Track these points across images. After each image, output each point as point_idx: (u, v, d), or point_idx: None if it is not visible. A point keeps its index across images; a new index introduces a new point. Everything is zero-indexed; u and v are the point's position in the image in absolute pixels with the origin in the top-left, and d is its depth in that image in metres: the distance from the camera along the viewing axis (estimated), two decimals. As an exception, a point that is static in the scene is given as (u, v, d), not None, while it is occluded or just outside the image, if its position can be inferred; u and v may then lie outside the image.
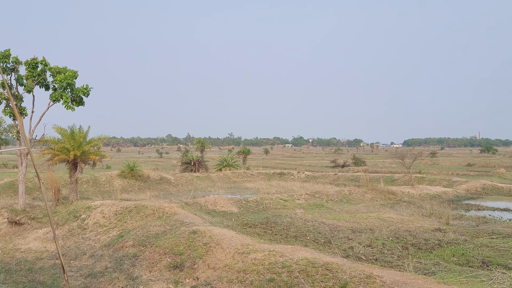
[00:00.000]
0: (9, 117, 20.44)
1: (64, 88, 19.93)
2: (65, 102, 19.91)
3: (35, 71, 19.95)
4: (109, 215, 17.85)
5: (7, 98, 19.97)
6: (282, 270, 9.46)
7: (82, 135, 21.72)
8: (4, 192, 30.40)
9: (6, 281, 12.62)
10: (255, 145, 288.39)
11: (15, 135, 20.58)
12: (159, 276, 11.71)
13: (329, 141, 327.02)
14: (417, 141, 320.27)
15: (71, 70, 20.11)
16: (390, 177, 41.74)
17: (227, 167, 53.82)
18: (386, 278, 8.31)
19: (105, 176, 38.27)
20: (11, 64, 19.74)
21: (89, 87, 20.46)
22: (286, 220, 18.06)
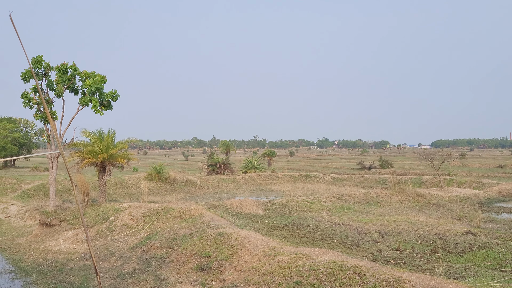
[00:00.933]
0: (40, 121, 20.97)
1: (93, 93, 20.34)
2: (94, 106, 20.31)
3: (65, 76, 20.43)
4: (137, 217, 18.09)
5: (38, 103, 20.50)
6: (309, 273, 9.39)
7: (110, 139, 22.11)
8: (35, 194, 31.17)
9: (38, 282, 12.92)
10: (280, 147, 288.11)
11: (46, 139, 21.09)
12: (186, 278, 11.79)
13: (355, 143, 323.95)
14: (446, 143, 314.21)
15: (100, 74, 20.52)
16: (418, 179, 41.05)
17: (252, 169, 53.90)
18: (415, 282, 8.16)
19: (133, 179, 38.85)
20: (43, 69, 20.26)
21: (117, 92, 20.83)
22: (312, 223, 17.95)
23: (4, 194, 30.16)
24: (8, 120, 76.57)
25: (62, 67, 20.27)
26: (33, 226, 21.57)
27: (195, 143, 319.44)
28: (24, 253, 16.57)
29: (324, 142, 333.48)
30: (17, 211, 25.35)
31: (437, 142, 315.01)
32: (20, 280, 13.17)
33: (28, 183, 33.88)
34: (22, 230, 21.49)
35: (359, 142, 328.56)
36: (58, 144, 2.59)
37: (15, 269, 14.40)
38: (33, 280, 13.11)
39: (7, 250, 17.19)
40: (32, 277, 13.41)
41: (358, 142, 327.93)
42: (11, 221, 23.95)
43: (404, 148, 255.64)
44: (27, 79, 20.05)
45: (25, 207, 25.61)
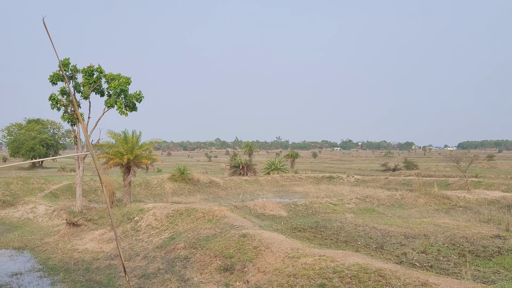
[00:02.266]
0: (67, 123, 21.37)
1: (118, 94, 20.63)
2: (119, 108, 20.60)
3: (91, 78, 20.78)
4: (161, 217, 18.26)
5: (65, 105, 20.91)
6: (333, 276, 9.31)
7: (134, 140, 22.38)
8: (62, 194, 31.80)
9: (65, 280, 13.17)
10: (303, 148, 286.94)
11: (73, 140, 21.49)
12: (210, 279, 11.83)
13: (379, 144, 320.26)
14: (473, 144, 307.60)
15: (125, 76, 20.80)
16: (444, 181, 40.30)
17: (275, 170, 53.80)
18: (442, 286, 8.00)
19: (157, 180, 39.25)
20: (70, 72, 20.66)
21: (141, 93, 21.08)
22: (336, 225, 17.81)
23: (32, 194, 30.86)
24: (36, 121, 78.36)
25: (88, 69, 20.63)
26: (60, 226, 22.01)
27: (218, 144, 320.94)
28: (52, 252, 16.92)
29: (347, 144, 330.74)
30: (45, 210, 25.92)
31: (464, 143, 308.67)
32: (48, 279, 13.46)
33: (56, 184, 34.59)
34: (49, 229, 21.95)
35: (383, 143, 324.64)
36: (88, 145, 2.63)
37: (43, 268, 14.73)
38: (60, 278, 13.38)
39: (36, 249, 17.58)
40: (60, 275, 13.68)
41: (382, 143, 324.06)
42: (39, 221, 24.49)
43: (429, 149, 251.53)
44: (54, 82, 20.48)
45: (53, 207, 26.15)
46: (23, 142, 73.12)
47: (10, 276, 13.81)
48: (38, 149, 72.95)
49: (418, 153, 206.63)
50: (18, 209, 27.11)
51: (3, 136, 78.92)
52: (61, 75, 20.42)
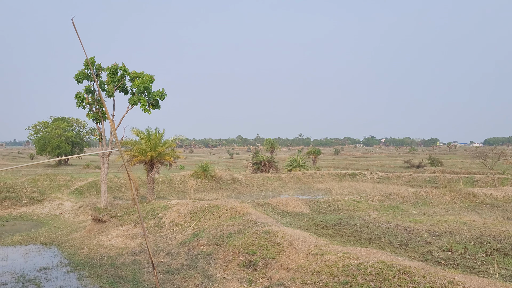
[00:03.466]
0: (92, 121, 21.72)
1: (142, 92, 20.85)
2: (143, 106, 20.82)
3: (115, 76, 21.05)
4: (184, 214, 18.41)
5: (90, 103, 21.25)
6: (357, 273, 9.24)
7: (157, 137, 22.58)
8: (88, 191, 32.36)
9: (91, 275, 13.42)
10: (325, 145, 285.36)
11: (98, 138, 21.83)
12: (233, 275, 11.88)
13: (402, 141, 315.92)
14: (499, 140, 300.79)
15: (148, 74, 21.00)
16: (470, 178, 39.51)
17: (297, 167, 53.63)
18: (469, 284, 7.86)
19: (179, 177, 39.58)
20: (95, 70, 20.97)
21: (164, 91, 21.25)
22: (360, 222, 17.65)
23: (59, 191, 31.50)
24: (62, 120, 79.90)
25: (113, 68, 20.91)
26: (86, 222, 22.42)
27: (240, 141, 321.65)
28: (78, 247, 17.25)
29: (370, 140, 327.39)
30: (71, 207, 26.43)
31: (490, 139, 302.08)
32: (75, 273, 13.73)
33: (81, 180, 35.22)
34: (75, 225, 22.38)
35: (407, 140, 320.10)
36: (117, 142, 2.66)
37: (70, 263, 15.03)
38: (86, 273, 13.63)
39: (63, 244, 17.96)
40: (86, 270, 13.94)
41: (406, 140, 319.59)
42: (65, 217, 25.00)
43: (454, 146, 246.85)
44: (80, 80, 20.83)
45: (78, 203, 26.66)
46: (49, 140, 74.65)
47: (38, 270, 14.14)
48: (64, 146, 74.39)
49: (443, 149, 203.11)
50: (45, 206, 27.70)
51: (30, 134, 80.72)
52: (86, 73, 20.75)
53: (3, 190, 28.49)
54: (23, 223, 24.09)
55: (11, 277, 13.41)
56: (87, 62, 20.67)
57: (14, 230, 21.82)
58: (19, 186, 29.72)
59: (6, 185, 29.21)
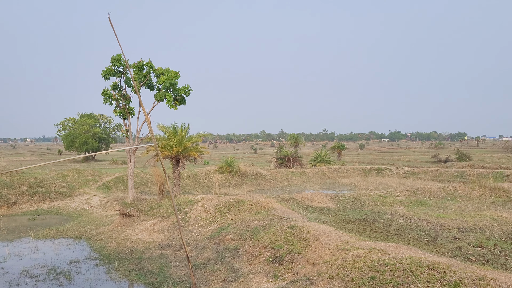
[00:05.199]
0: (119, 117, 22.01)
1: (167, 88, 21.01)
2: (168, 102, 20.98)
3: (141, 73, 21.27)
4: (210, 209, 18.54)
5: (117, 99, 21.54)
6: (385, 269, 9.14)
7: (183, 133, 22.78)
8: (114, 186, 32.92)
9: (119, 268, 13.66)
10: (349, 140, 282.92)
11: (125, 133, 22.12)
12: (259, 270, 11.92)
13: (429, 135, 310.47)
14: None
15: (173, 71, 21.14)
16: (500, 173, 38.56)
17: (322, 162, 53.34)
18: (501, 281, 7.69)
19: (204, 172, 39.86)
20: (121, 67, 21.22)
21: (189, 87, 21.38)
22: (386, 217, 17.45)
23: (87, 186, 32.13)
24: (89, 116, 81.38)
25: (139, 64, 21.13)
26: (113, 216, 22.81)
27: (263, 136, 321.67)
28: (106, 241, 17.57)
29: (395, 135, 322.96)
30: (99, 201, 26.93)
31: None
32: (104, 267, 14.00)
33: (108, 176, 35.83)
34: (103, 219, 22.80)
35: (434, 134, 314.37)
36: (153, 138, 2.69)
37: (98, 256, 15.33)
38: (115, 267, 13.88)
39: (91, 238, 18.32)
40: (114, 264, 14.19)
41: (432, 134, 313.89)
42: (94, 211, 25.49)
43: (483, 140, 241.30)
44: (107, 77, 21.12)
45: (106, 198, 27.14)
46: (76, 136, 76.15)
47: (68, 263, 14.47)
48: (91, 142, 75.76)
49: (471, 144, 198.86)
50: (74, 200, 28.31)
51: (59, 130, 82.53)
52: (113, 70, 21.02)
53: (33, 185, 29.23)
54: (53, 217, 24.68)
55: (43, 270, 13.77)
56: (114, 58, 20.98)
57: (45, 224, 22.37)
58: (49, 181, 30.43)
59: (37, 180, 29.96)
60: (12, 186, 28.18)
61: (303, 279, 10.12)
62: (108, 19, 2.88)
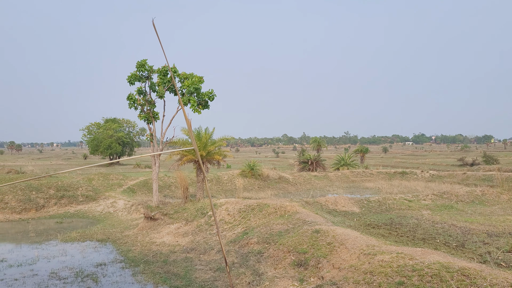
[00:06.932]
0: (143, 121, 22.29)
1: (191, 93, 21.20)
2: (192, 106, 21.16)
3: (166, 78, 21.52)
4: (233, 212, 18.58)
5: (142, 104, 21.83)
6: (412, 274, 9.00)
7: (207, 136, 22.90)
8: (139, 189, 33.28)
9: (145, 271, 13.80)
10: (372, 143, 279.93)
11: (149, 138, 22.39)
12: (284, 274, 11.87)
13: (454, 138, 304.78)
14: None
15: (197, 76, 21.33)
16: (529, 176, 37.56)
17: (345, 166, 52.87)
18: (535, 288, 7.47)
19: (227, 175, 39.96)
20: (146, 72, 21.51)
21: (213, 92, 21.52)
22: (412, 222, 17.19)
23: (112, 190, 32.58)
24: (113, 120, 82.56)
25: (163, 69, 21.39)
26: (138, 220, 23.05)
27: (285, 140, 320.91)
28: (132, 244, 17.77)
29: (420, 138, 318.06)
30: (124, 205, 27.27)
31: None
32: (129, 270, 14.16)
33: (133, 179, 36.25)
34: (128, 223, 23.06)
35: (459, 137, 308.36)
36: (192, 140, 2.71)
37: (124, 259, 15.51)
38: (140, 269, 14.02)
39: (117, 241, 18.56)
40: (140, 267, 14.34)
41: (458, 137, 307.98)
42: (119, 215, 25.82)
43: (510, 142, 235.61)
44: (132, 82, 21.43)
45: (131, 201, 27.46)
46: (101, 140, 77.29)
47: (95, 266, 14.68)
48: (115, 147, 76.78)
49: (498, 146, 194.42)
50: (99, 204, 28.73)
51: (84, 135, 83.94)
52: (138, 75, 21.32)
53: (61, 188, 29.80)
54: (80, 220, 25.10)
55: (70, 272, 14.00)
56: (139, 64, 21.27)
57: (72, 227, 22.77)
58: (76, 185, 30.98)
59: (64, 184, 30.53)
60: (40, 190, 28.79)
61: (329, 284, 10.04)
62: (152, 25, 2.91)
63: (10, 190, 27.70)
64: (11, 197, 27.19)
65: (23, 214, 26.16)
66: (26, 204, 26.99)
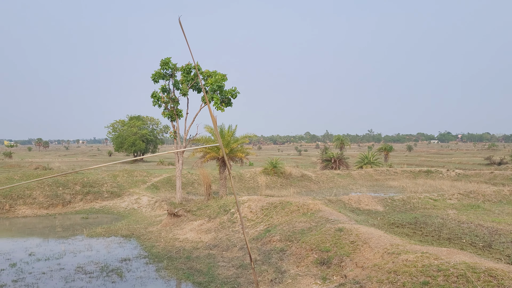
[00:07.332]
0: (167, 119, 22.48)
1: (214, 91, 21.28)
2: (216, 104, 21.25)
3: (189, 76, 21.65)
4: (256, 210, 18.60)
5: (166, 101, 22.03)
6: (438, 274, 8.86)
7: (230, 134, 22.97)
8: (162, 186, 33.63)
9: (168, 267, 13.95)
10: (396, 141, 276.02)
11: (173, 135, 22.57)
12: (307, 272, 11.84)
13: (481, 136, 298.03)
14: None
15: (220, 73, 21.39)
16: (559, 176, 36.53)
17: (368, 164, 52.34)
18: None
19: (249, 173, 40.03)
20: (170, 70, 21.69)
21: (236, 89, 21.56)
22: (437, 221, 16.92)
23: (136, 186, 33.02)
24: (137, 118, 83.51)
25: (187, 67, 21.52)
26: (161, 216, 23.29)
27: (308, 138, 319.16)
28: (155, 240, 17.98)
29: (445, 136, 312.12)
30: (148, 201, 27.60)
31: None
32: (153, 265, 14.33)
33: (156, 176, 36.67)
34: (152, 219, 23.32)
35: (486, 135, 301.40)
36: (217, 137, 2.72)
37: (148, 255, 15.71)
38: (164, 265, 14.18)
39: (141, 237, 18.80)
40: (163, 262, 14.50)
41: (485, 135, 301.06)
42: (143, 211, 26.14)
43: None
44: (156, 80, 21.65)
45: (154, 198, 27.77)
46: (125, 137, 78.30)
47: (120, 261, 14.91)
48: (139, 144, 77.69)
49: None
50: (124, 200, 29.15)
51: (109, 132, 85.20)
52: (162, 73, 21.51)
53: (86, 185, 30.34)
54: (105, 216, 25.52)
55: (96, 267, 14.26)
56: (163, 62, 21.46)
57: (97, 222, 23.16)
58: (101, 181, 31.50)
59: (89, 180, 31.08)
60: (67, 186, 29.37)
61: (352, 282, 9.97)
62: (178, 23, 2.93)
63: (38, 186, 28.34)
64: (39, 192, 27.82)
65: (50, 209, 26.74)
66: (53, 200, 27.58)
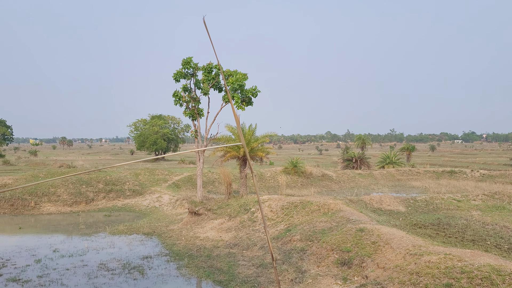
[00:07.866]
0: (188, 118, 22.63)
1: (235, 90, 21.34)
2: (236, 103, 21.31)
3: (210, 75, 21.76)
4: (276, 209, 18.58)
5: (187, 101, 22.18)
6: (461, 276, 8.71)
7: (250, 133, 23.00)
8: (183, 185, 33.88)
9: (189, 265, 14.04)
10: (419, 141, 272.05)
11: (194, 134, 22.70)
12: (327, 272, 11.77)
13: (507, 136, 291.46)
14: None
15: (241, 73, 21.44)
16: None
17: (390, 164, 51.71)
18: None
19: (270, 172, 39.99)
20: (191, 70, 21.83)
21: (257, 88, 21.58)
22: (461, 222, 16.62)
23: (158, 185, 33.33)
24: (158, 117, 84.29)
25: (208, 66, 21.64)
26: (182, 214, 23.46)
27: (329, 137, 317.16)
28: (176, 238, 18.12)
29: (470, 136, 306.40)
30: (169, 200, 27.84)
31: None
32: (174, 263, 14.45)
33: (177, 175, 36.95)
34: (173, 217, 23.52)
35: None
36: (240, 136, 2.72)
37: (169, 253, 15.85)
38: (185, 263, 14.29)
39: (162, 235, 18.98)
40: (184, 261, 14.61)
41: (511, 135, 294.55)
42: (164, 209, 26.39)
43: None
44: (178, 79, 21.81)
45: (176, 196, 28.00)
46: (147, 136, 79.10)
47: (141, 259, 15.08)
48: (160, 143, 78.36)
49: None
50: (145, 198, 29.47)
51: (131, 131, 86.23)
52: (184, 73, 21.66)
53: (109, 183, 30.78)
54: (127, 214, 25.85)
55: (118, 264, 14.45)
56: (184, 61, 21.61)
57: (119, 220, 23.48)
58: (123, 180, 31.91)
59: (112, 179, 31.52)
60: (90, 184, 29.84)
61: (373, 283, 9.87)
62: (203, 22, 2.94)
63: (62, 184, 28.87)
64: (63, 190, 28.34)
65: (74, 207, 27.22)
66: (77, 197, 28.06)
